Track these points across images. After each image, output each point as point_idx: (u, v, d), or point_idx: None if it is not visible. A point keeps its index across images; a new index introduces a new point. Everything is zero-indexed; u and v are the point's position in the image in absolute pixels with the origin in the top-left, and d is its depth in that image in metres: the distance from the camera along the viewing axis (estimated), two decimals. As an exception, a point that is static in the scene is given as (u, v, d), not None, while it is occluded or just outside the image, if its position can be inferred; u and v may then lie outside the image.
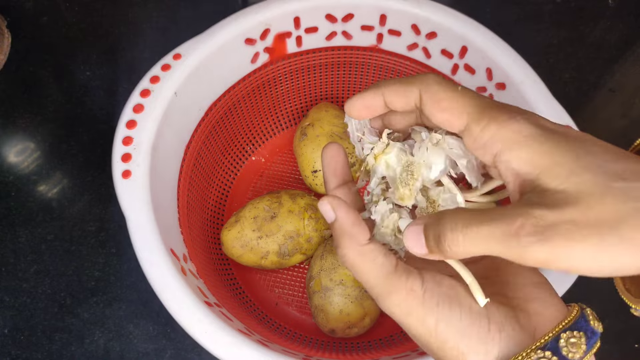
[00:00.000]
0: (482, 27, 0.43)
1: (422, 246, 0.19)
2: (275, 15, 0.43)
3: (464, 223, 0.17)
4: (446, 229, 0.18)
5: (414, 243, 0.19)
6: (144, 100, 0.39)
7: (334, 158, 0.24)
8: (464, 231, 0.17)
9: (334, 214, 0.21)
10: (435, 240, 0.18)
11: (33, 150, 0.55)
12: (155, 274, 0.33)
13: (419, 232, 0.19)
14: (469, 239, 0.17)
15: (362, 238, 0.20)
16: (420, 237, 0.19)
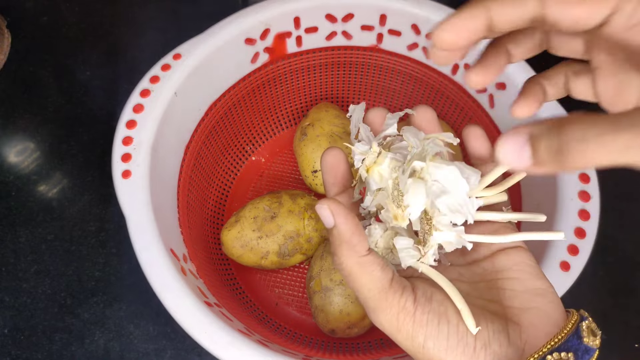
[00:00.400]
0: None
1: (526, 158, 0.16)
2: (275, 15, 0.43)
3: (596, 131, 0.15)
4: (573, 138, 0.15)
5: (514, 156, 0.17)
6: (144, 100, 0.39)
7: (334, 165, 0.24)
8: (598, 140, 0.15)
9: (332, 220, 0.20)
10: (552, 152, 0.16)
11: (33, 150, 0.55)
12: (155, 274, 0.33)
13: (522, 142, 0.16)
14: (605, 148, 0.15)
15: (362, 248, 0.20)
16: (523, 148, 0.16)
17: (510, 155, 0.17)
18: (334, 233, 0.20)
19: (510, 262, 0.21)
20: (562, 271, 0.34)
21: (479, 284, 0.22)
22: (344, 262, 0.20)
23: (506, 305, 0.21)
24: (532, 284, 0.21)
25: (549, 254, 0.34)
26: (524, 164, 0.17)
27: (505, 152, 0.17)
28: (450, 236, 0.21)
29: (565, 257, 0.34)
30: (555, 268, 0.34)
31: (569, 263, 0.34)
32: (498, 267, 0.22)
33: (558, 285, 0.33)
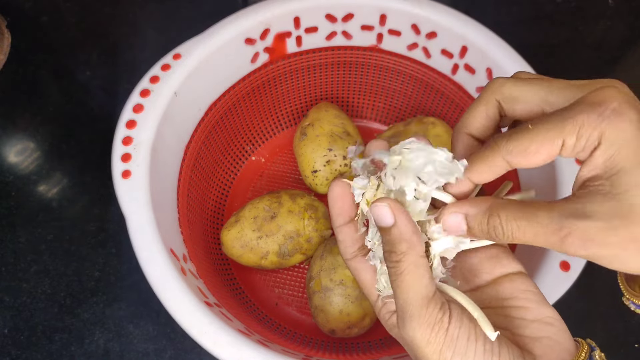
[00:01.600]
0: (482, 27, 0.43)
1: (463, 231, 0.21)
2: (275, 15, 0.43)
3: (515, 217, 0.19)
4: (499, 220, 0.20)
5: (454, 227, 0.21)
6: (144, 100, 0.39)
7: (340, 196, 0.24)
8: (518, 224, 0.19)
9: (392, 219, 0.20)
10: (483, 232, 0.20)
11: (33, 150, 0.55)
12: (155, 274, 0.33)
13: (460, 220, 0.21)
14: (521, 232, 0.19)
15: (421, 249, 0.20)
16: (461, 223, 0.21)
17: (451, 226, 0.21)
18: (392, 231, 0.20)
19: (515, 289, 0.22)
20: (562, 271, 0.34)
21: (486, 310, 0.22)
22: (402, 259, 0.20)
23: (517, 333, 0.21)
24: (540, 312, 0.21)
25: (549, 254, 0.34)
26: (461, 233, 0.21)
27: (447, 222, 0.21)
28: (447, 241, 0.21)
29: (565, 257, 0.34)
30: (555, 268, 0.34)
31: (568, 263, 0.34)
32: (503, 294, 0.22)
33: (558, 285, 0.33)
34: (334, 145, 0.49)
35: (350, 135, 0.50)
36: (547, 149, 0.19)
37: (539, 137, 0.19)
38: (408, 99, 0.53)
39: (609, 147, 0.18)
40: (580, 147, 0.18)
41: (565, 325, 0.21)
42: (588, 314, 0.47)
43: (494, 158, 0.20)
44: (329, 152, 0.48)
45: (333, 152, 0.48)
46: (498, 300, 0.22)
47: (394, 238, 0.20)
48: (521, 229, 0.19)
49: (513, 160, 0.19)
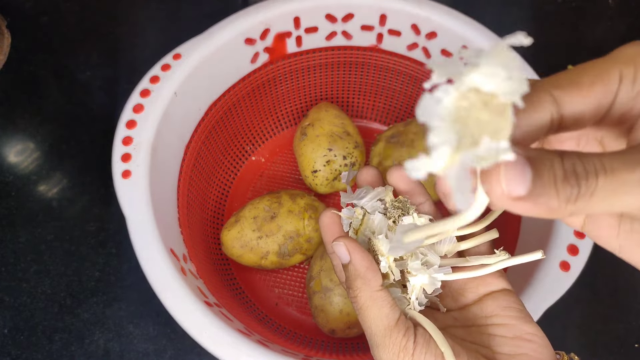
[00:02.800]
0: (482, 27, 0.43)
1: (524, 185, 0.14)
2: (275, 15, 0.43)
3: (610, 164, 0.13)
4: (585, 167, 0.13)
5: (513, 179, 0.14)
6: (144, 100, 0.39)
7: (330, 224, 0.25)
8: (611, 174, 0.13)
9: (348, 256, 0.21)
10: (559, 167, 0.14)
11: (33, 150, 0.55)
12: (155, 274, 0.33)
13: (523, 163, 0.14)
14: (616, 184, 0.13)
15: (375, 283, 0.21)
16: (524, 172, 0.14)
17: (511, 181, 0.14)
18: (349, 268, 0.21)
19: (498, 307, 0.22)
20: (562, 271, 0.34)
21: (471, 328, 0.22)
22: (359, 296, 0.21)
23: (497, 351, 0.21)
24: (520, 329, 0.21)
25: (549, 254, 0.34)
26: (519, 191, 0.14)
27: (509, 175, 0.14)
28: (423, 278, 0.22)
29: (565, 257, 0.34)
30: (555, 268, 0.34)
31: (569, 263, 0.34)
32: (486, 312, 0.22)
33: (558, 285, 0.33)
34: (334, 145, 0.49)
35: (350, 135, 0.50)
36: (603, 80, 0.15)
37: (591, 67, 0.15)
38: (408, 99, 0.53)
39: None
40: (631, 100, 0.15)
41: (547, 341, 0.21)
42: (588, 314, 0.47)
43: (538, 94, 0.15)
44: (329, 152, 0.48)
45: (333, 152, 0.48)
46: (481, 318, 0.22)
47: (350, 274, 0.21)
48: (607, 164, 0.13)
49: (563, 96, 0.15)
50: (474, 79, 0.14)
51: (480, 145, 0.14)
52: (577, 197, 0.13)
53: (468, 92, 0.14)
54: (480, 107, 0.14)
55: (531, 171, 0.14)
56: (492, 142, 0.14)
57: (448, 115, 0.14)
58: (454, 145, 0.14)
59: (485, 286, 0.23)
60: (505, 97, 0.14)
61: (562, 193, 0.13)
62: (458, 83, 0.14)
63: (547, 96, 0.15)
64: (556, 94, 0.15)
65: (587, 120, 0.16)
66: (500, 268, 0.23)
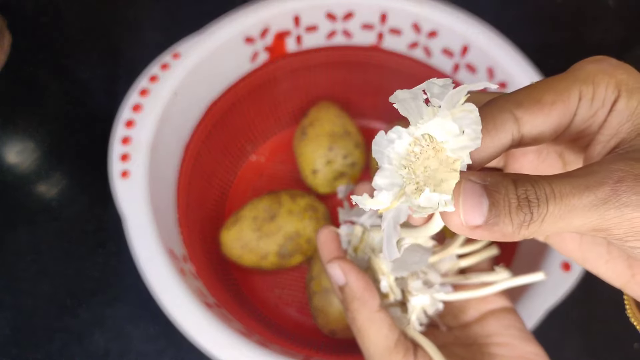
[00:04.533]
0: (484, 26, 0.42)
1: (480, 215, 0.14)
2: (275, 13, 0.43)
3: (559, 190, 0.13)
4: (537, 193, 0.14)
5: (471, 210, 0.14)
6: (143, 99, 0.39)
7: (327, 241, 0.24)
8: (552, 184, 0.13)
9: (344, 278, 0.21)
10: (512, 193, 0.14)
11: (33, 151, 0.55)
12: (154, 275, 0.33)
13: (480, 194, 0.14)
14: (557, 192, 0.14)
15: (373, 304, 0.21)
16: (481, 202, 0.14)
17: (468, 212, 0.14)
18: (345, 290, 0.21)
19: (500, 326, 0.22)
20: (562, 271, 0.34)
21: (472, 347, 0.22)
22: (357, 318, 0.21)
23: None
24: (522, 349, 0.21)
25: (550, 254, 0.34)
26: (478, 221, 0.14)
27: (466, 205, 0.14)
28: (424, 299, 0.22)
29: (566, 258, 0.34)
30: (555, 268, 0.34)
31: (569, 263, 0.34)
32: (488, 331, 0.22)
33: (559, 286, 0.33)
34: (334, 145, 0.48)
35: (350, 134, 0.50)
36: (564, 99, 0.15)
37: (552, 85, 0.16)
38: (408, 99, 0.53)
39: (631, 96, 0.15)
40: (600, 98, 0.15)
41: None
42: (588, 314, 0.47)
43: (501, 115, 0.15)
44: (329, 152, 0.48)
45: (333, 152, 0.48)
46: (483, 337, 0.22)
47: (346, 296, 0.21)
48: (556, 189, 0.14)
49: (524, 115, 0.15)
50: (430, 126, 0.14)
51: (422, 196, 0.14)
52: (529, 223, 0.14)
53: (422, 137, 0.14)
54: (431, 154, 0.14)
55: (487, 201, 0.14)
56: (435, 195, 0.14)
57: (398, 159, 0.14)
58: (395, 192, 0.14)
59: (487, 304, 0.23)
60: (453, 153, 0.14)
61: (515, 220, 0.14)
62: (414, 128, 0.14)
63: (509, 116, 0.15)
64: (518, 114, 0.15)
65: (547, 137, 0.16)
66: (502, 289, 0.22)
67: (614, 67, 0.15)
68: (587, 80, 0.15)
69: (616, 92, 0.15)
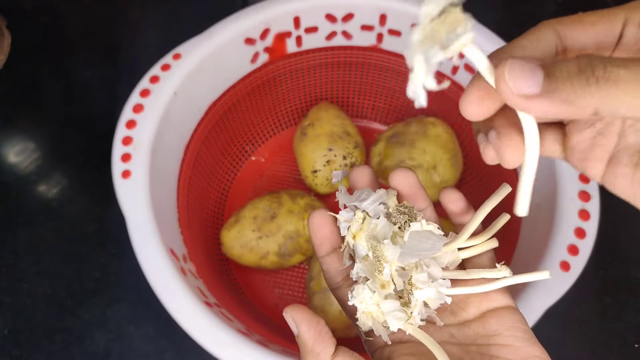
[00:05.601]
0: (482, 27, 0.43)
1: (536, 84, 0.14)
2: (275, 15, 0.43)
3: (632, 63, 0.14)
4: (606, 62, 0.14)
5: (522, 81, 0.14)
6: (144, 100, 0.39)
7: (320, 226, 0.23)
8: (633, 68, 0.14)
9: (296, 329, 0.20)
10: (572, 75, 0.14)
11: (33, 151, 0.55)
12: (155, 275, 0.33)
13: (531, 67, 0.15)
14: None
15: (325, 356, 0.20)
16: (534, 71, 0.14)
17: (517, 80, 0.14)
18: (298, 341, 0.20)
19: (502, 326, 0.21)
20: (562, 271, 0.34)
21: (470, 347, 0.21)
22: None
23: None
24: (526, 351, 0.20)
25: (549, 254, 0.34)
26: (531, 90, 0.14)
27: (513, 74, 0.15)
28: (430, 292, 0.21)
29: (565, 257, 0.34)
30: (555, 268, 0.34)
31: (569, 263, 0.34)
32: (489, 330, 0.21)
33: (558, 285, 0.33)
34: (334, 145, 0.48)
35: (350, 135, 0.50)
36: (605, 21, 0.16)
37: (598, 11, 0.17)
38: (408, 99, 0.53)
39: None
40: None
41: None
42: (588, 314, 0.47)
43: (543, 29, 0.17)
44: (329, 152, 0.48)
45: (333, 152, 0.48)
46: (484, 337, 0.21)
47: (300, 346, 0.20)
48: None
49: (565, 30, 0.17)
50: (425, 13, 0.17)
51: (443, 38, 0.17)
52: (597, 82, 0.13)
53: (428, 24, 0.17)
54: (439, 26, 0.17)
55: (542, 72, 0.14)
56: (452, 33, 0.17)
57: (418, 39, 0.17)
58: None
59: (489, 302, 0.22)
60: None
61: (577, 83, 0.14)
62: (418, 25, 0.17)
63: (550, 30, 0.17)
64: (559, 28, 0.17)
65: (592, 49, 0.17)
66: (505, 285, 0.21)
67: None
68: (635, 8, 0.16)
69: None
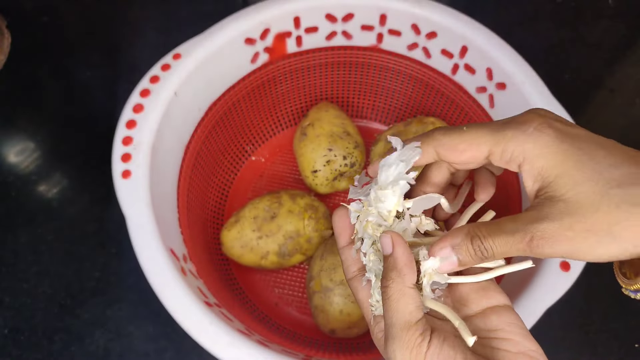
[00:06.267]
0: (483, 27, 0.43)
1: (453, 264, 0.22)
2: (275, 15, 0.43)
3: (489, 233, 0.21)
4: (480, 241, 0.22)
5: (448, 264, 0.23)
6: (144, 100, 0.39)
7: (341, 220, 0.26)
8: (493, 240, 0.21)
9: (391, 248, 0.23)
10: (470, 253, 0.22)
11: (33, 151, 0.55)
12: (155, 274, 0.33)
13: (449, 252, 0.22)
14: (497, 246, 0.21)
15: (409, 280, 0.22)
16: (451, 255, 0.22)
17: (444, 260, 0.23)
18: (388, 260, 0.23)
19: (502, 322, 0.23)
20: (562, 271, 0.34)
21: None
22: (390, 286, 0.22)
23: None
24: (524, 345, 0.22)
25: (549, 254, 0.34)
26: (453, 267, 0.22)
27: (438, 254, 0.23)
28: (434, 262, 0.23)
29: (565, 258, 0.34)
30: (555, 268, 0.34)
31: (568, 263, 0.34)
32: (490, 326, 0.23)
33: (558, 285, 0.33)
34: (334, 145, 0.48)
35: (350, 135, 0.50)
36: (473, 151, 0.22)
37: (469, 139, 0.22)
38: (408, 99, 0.53)
39: (536, 160, 0.21)
40: (506, 158, 0.22)
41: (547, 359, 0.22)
42: (588, 314, 0.47)
43: (426, 147, 0.23)
44: (329, 152, 0.48)
45: (333, 152, 0.48)
46: (485, 331, 0.23)
47: (388, 265, 0.23)
48: (496, 243, 0.21)
49: (442, 152, 0.23)
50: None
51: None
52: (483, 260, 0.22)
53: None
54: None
55: (455, 258, 0.22)
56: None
57: None
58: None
59: (489, 299, 0.24)
60: None
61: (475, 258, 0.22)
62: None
63: (431, 150, 0.23)
64: (438, 150, 0.23)
65: (469, 166, 0.24)
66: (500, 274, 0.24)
67: (527, 136, 0.21)
68: (499, 144, 0.21)
69: (521, 158, 0.21)
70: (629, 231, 0.19)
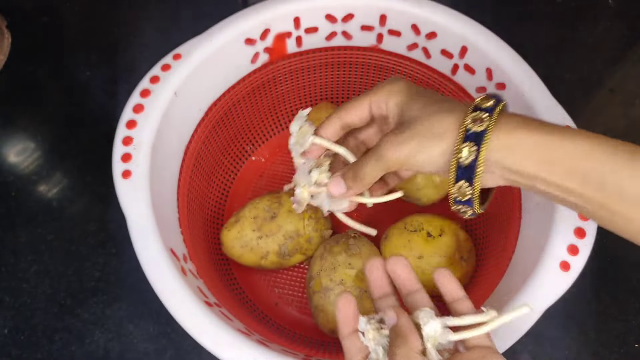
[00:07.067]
0: (482, 27, 0.43)
1: (343, 187, 0.32)
2: (275, 15, 0.43)
3: (366, 161, 0.30)
4: (361, 167, 0.30)
5: (337, 187, 0.32)
6: (144, 100, 0.39)
7: (344, 308, 0.28)
8: (367, 163, 0.30)
9: (395, 319, 0.26)
10: (356, 181, 0.31)
11: (33, 150, 0.55)
12: (155, 274, 0.33)
13: (340, 181, 0.32)
14: (370, 168, 0.30)
15: (415, 345, 0.24)
16: (341, 183, 0.32)
17: (335, 187, 0.32)
18: (394, 329, 0.25)
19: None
20: (562, 271, 0.34)
21: None
22: (397, 353, 0.24)
23: None
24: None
25: (548, 254, 0.34)
26: (342, 190, 0.32)
27: (331, 187, 0.32)
28: (435, 325, 0.25)
29: (565, 257, 0.34)
30: (555, 268, 0.34)
31: (568, 263, 0.34)
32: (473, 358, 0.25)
33: (557, 285, 0.33)
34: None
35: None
36: (361, 109, 0.31)
37: (356, 104, 0.31)
38: (408, 99, 0.53)
39: (395, 97, 0.30)
40: (379, 109, 0.31)
41: None
42: (588, 314, 0.47)
43: (331, 121, 0.33)
44: (329, 152, 0.48)
45: (333, 152, 0.48)
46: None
47: (393, 333, 0.25)
48: (365, 168, 0.30)
49: (342, 116, 0.32)
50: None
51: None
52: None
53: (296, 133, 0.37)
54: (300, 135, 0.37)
55: (344, 182, 0.32)
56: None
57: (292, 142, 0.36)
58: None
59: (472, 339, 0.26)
60: None
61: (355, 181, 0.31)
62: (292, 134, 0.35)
63: (337, 119, 0.33)
64: (342, 118, 0.32)
65: (359, 123, 0.33)
66: (495, 327, 0.25)
67: (391, 86, 0.30)
68: (374, 102, 0.31)
69: (387, 101, 0.30)
70: (448, 132, 0.27)
